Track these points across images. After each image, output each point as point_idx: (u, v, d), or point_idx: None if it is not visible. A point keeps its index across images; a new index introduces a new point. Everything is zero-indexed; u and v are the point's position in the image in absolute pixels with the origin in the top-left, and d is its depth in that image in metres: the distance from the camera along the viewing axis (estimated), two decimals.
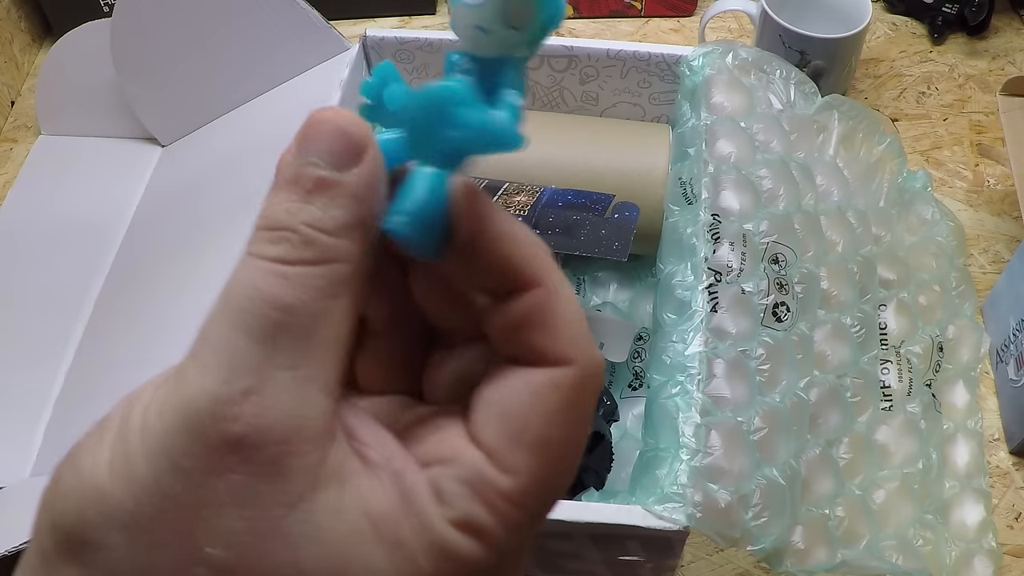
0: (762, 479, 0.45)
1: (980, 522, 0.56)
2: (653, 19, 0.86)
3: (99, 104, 0.75)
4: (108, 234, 0.70)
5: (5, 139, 0.79)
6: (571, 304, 0.20)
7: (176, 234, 0.66)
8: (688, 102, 0.59)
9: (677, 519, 0.42)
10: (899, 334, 0.59)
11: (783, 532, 0.45)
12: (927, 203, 0.66)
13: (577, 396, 0.20)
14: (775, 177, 0.54)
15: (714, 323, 0.48)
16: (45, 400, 0.61)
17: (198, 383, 0.18)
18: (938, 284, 0.63)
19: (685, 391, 0.46)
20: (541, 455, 0.19)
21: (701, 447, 0.44)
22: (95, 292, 0.67)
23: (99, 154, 0.76)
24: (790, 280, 0.52)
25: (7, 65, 0.81)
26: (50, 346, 0.64)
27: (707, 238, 0.50)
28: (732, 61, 0.58)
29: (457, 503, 0.19)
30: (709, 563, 0.56)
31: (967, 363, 0.61)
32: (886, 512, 0.53)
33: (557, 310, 0.20)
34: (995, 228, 0.71)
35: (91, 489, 0.18)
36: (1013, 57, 0.82)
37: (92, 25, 0.72)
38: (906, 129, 0.77)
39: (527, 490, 0.19)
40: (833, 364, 0.53)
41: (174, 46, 0.69)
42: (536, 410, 0.19)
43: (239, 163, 0.65)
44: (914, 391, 0.58)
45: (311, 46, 0.66)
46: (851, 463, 0.52)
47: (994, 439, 0.61)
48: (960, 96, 0.79)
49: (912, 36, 0.84)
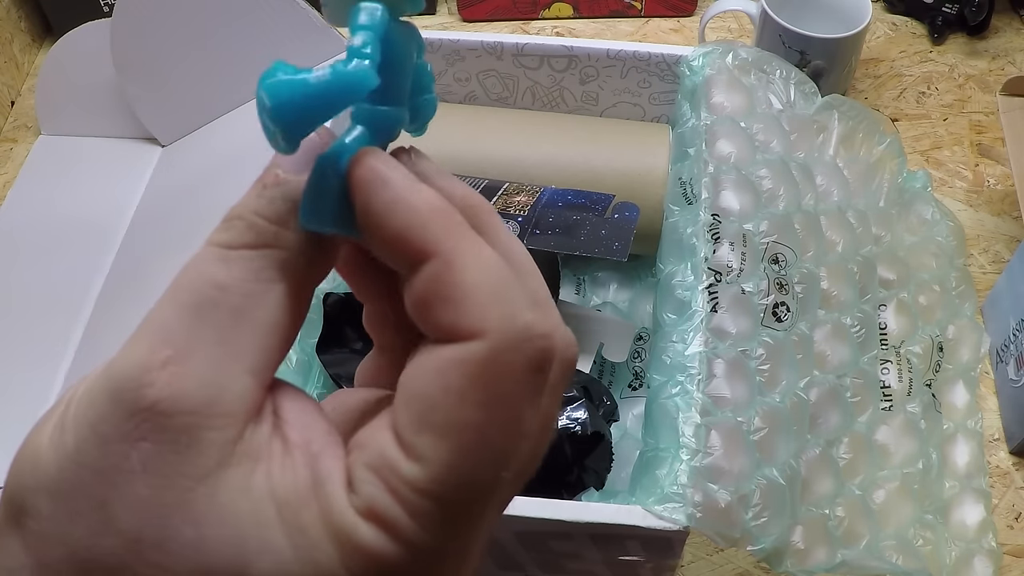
0: (762, 479, 0.45)
1: (980, 522, 0.56)
2: (653, 19, 0.86)
3: (99, 104, 0.75)
4: (108, 234, 0.70)
5: (5, 139, 0.79)
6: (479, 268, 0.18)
7: (176, 234, 0.66)
8: (688, 102, 0.59)
9: (677, 519, 0.42)
10: (899, 334, 0.59)
11: (783, 532, 0.45)
12: (927, 203, 0.66)
13: (495, 371, 0.18)
14: (775, 177, 0.54)
15: (714, 323, 0.48)
16: (45, 400, 0.61)
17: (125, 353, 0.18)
18: (938, 284, 0.63)
19: (685, 391, 0.46)
20: (452, 440, 0.17)
21: (701, 447, 0.44)
22: (95, 292, 0.67)
23: (99, 154, 0.76)
24: (790, 280, 0.52)
25: (7, 65, 0.81)
26: (50, 346, 0.64)
27: (707, 238, 0.50)
28: (732, 61, 0.58)
29: (363, 490, 0.18)
30: (709, 563, 0.56)
31: (967, 363, 0.61)
32: (886, 512, 0.53)
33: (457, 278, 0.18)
34: (995, 228, 0.71)
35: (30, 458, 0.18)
36: (1013, 57, 0.82)
37: (92, 25, 0.72)
38: (906, 129, 0.77)
39: (437, 478, 0.17)
40: (833, 364, 0.53)
41: (174, 46, 0.69)
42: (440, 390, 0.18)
43: (239, 163, 0.65)
44: (914, 391, 0.58)
45: (311, 46, 0.66)
46: (851, 463, 0.52)
47: (994, 439, 0.61)
48: (960, 96, 0.79)
49: (912, 36, 0.84)
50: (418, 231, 0.18)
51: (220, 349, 0.18)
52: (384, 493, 0.17)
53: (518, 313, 0.18)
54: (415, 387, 0.18)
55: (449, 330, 0.18)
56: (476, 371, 0.17)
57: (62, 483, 0.18)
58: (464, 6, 0.85)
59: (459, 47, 0.62)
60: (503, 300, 0.18)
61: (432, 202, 0.18)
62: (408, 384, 0.18)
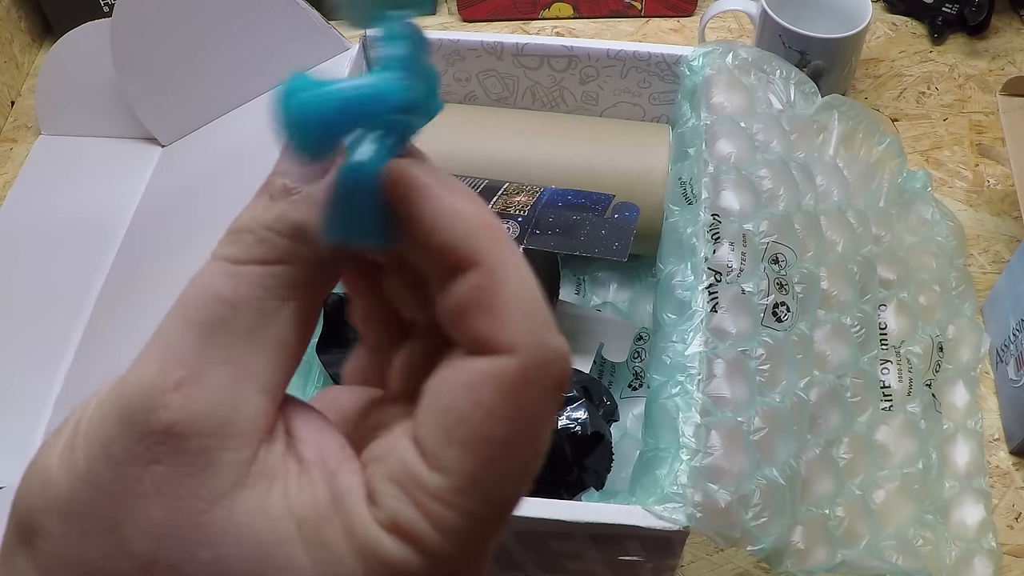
0: (762, 479, 0.45)
1: (980, 522, 0.56)
2: (653, 19, 0.86)
3: (99, 104, 0.75)
4: (108, 234, 0.70)
5: (5, 139, 0.79)
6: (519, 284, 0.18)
7: (176, 234, 0.66)
8: (688, 102, 0.59)
9: (677, 519, 0.42)
10: (899, 334, 0.59)
11: (783, 532, 0.45)
12: (927, 203, 0.66)
13: (523, 389, 0.18)
14: (775, 177, 0.54)
15: (714, 323, 0.48)
16: (45, 400, 0.61)
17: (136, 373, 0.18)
18: (938, 284, 0.63)
19: (685, 391, 0.46)
20: (477, 453, 0.18)
21: (701, 447, 0.44)
22: (95, 292, 0.67)
23: (99, 154, 0.76)
24: (790, 280, 0.52)
25: (7, 65, 0.81)
26: (50, 346, 0.64)
27: (707, 238, 0.50)
28: (732, 61, 0.58)
29: (387, 503, 0.18)
30: (709, 563, 0.56)
31: (967, 363, 0.61)
32: (886, 512, 0.53)
33: (498, 290, 0.18)
34: (995, 228, 0.71)
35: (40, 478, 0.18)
36: (1013, 57, 0.82)
37: (92, 25, 0.72)
38: (906, 129, 0.77)
39: (461, 490, 0.17)
40: (833, 364, 0.53)
41: (174, 46, 0.69)
42: (471, 404, 0.18)
43: (239, 163, 0.65)
44: (914, 391, 0.58)
45: (311, 46, 0.66)
46: (851, 463, 0.52)
47: (994, 439, 0.61)
48: (960, 96, 0.79)
49: (912, 36, 0.84)
50: (465, 240, 0.18)
51: (232, 370, 0.18)
52: (408, 506, 0.17)
53: (546, 332, 0.18)
54: (442, 399, 0.18)
55: (483, 340, 0.18)
56: (506, 387, 0.18)
57: (73, 503, 0.17)
58: (464, 6, 0.85)
59: (459, 47, 0.62)
60: (535, 318, 0.18)
61: (480, 212, 0.19)
62: (434, 396, 0.18)
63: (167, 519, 0.17)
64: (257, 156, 0.63)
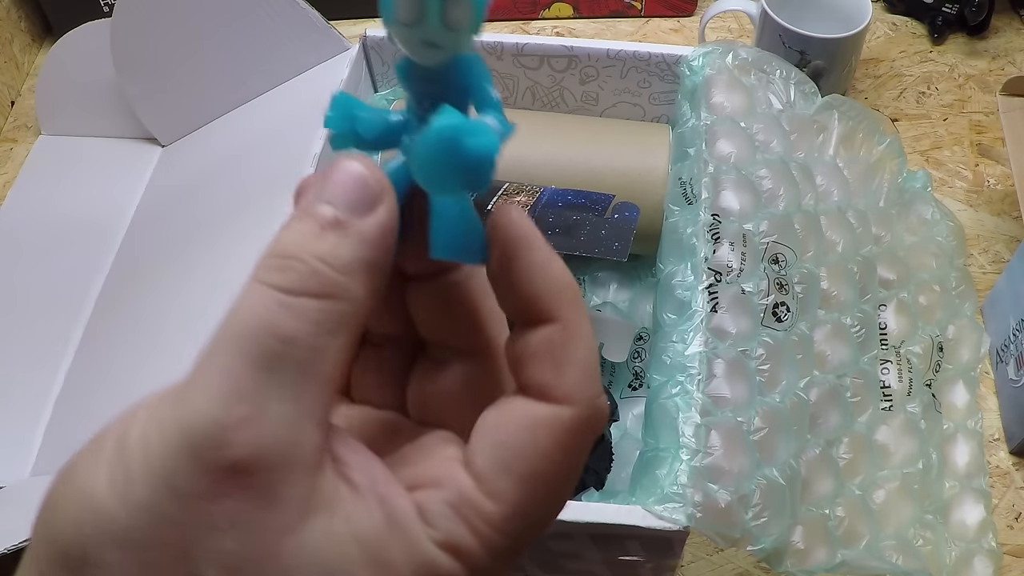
0: (762, 479, 0.45)
1: (980, 522, 0.56)
2: (653, 19, 0.86)
3: (99, 104, 0.75)
4: (108, 234, 0.70)
5: (5, 139, 0.79)
6: (586, 346, 0.21)
7: (176, 234, 0.66)
8: (688, 102, 0.59)
9: (677, 519, 0.42)
10: (899, 334, 0.59)
11: (783, 532, 0.45)
12: (927, 203, 0.66)
13: (572, 438, 0.20)
14: (775, 177, 0.54)
15: (714, 323, 0.48)
16: (45, 400, 0.61)
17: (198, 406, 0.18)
18: (938, 284, 0.63)
19: (685, 391, 0.46)
20: (528, 487, 0.20)
21: (701, 447, 0.44)
22: (95, 292, 0.67)
23: (99, 154, 0.76)
24: (790, 280, 0.52)
25: (7, 65, 0.81)
26: (50, 346, 0.64)
27: (707, 238, 0.50)
28: (732, 61, 0.58)
29: (442, 524, 0.19)
30: (709, 563, 0.56)
31: (967, 363, 0.61)
32: (886, 512, 0.53)
33: (569, 349, 0.20)
34: (995, 228, 0.71)
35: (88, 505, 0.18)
36: (1013, 57, 0.82)
37: (92, 25, 0.72)
38: (906, 129, 0.77)
39: (510, 517, 0.20)
40: (833, 364, 0.53)
41: (174, 46, 0.69)
42: (530, 444, 0.20)
43: (239, 163, 0.65)
44: (914, 391, 0.58)
45: (311, 46, 0.66)
46: (851, 463, 0.52)
47: (994, 439, 0.61)
48: (960, 96, 0.79)
49: (912, 36, 0.84)
50: (552, 297, 0.21)
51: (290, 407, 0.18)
52: (461, 527, 0.19)
53: (598, 391, 0.21)
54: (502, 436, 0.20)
55: (545, 388, 0.20)
56: (560, 435, 0.20)
57: (132, 532, 0.18)
58: None
59: None
60: (592, 378, 0.21)
61: (565, 272, 0.21)
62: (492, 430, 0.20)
63: (240, 551, 0.18)
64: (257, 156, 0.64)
